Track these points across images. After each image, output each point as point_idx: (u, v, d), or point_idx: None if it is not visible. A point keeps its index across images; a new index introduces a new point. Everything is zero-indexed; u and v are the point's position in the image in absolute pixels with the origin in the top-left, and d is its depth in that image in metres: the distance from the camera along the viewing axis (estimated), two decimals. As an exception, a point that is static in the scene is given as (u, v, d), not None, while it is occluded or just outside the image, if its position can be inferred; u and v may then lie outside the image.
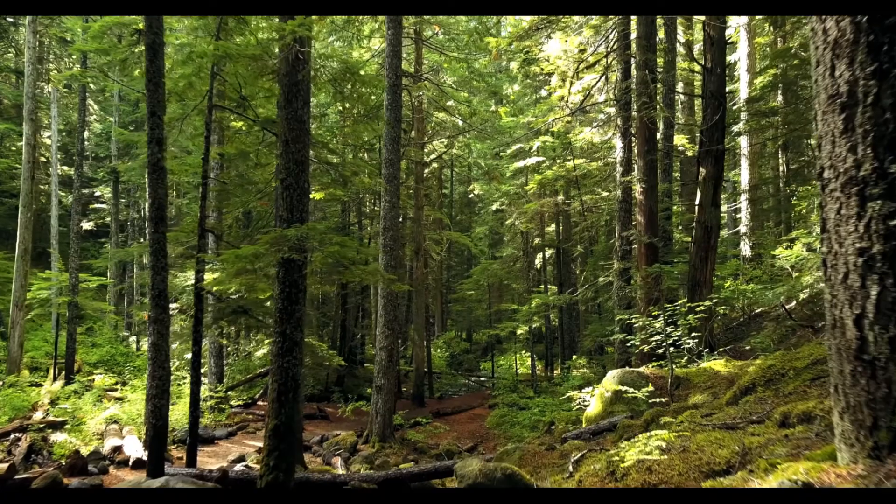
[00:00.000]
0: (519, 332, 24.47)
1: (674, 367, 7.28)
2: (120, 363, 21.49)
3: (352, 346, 24.64)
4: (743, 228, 19.44)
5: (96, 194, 31.47)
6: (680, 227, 18.85)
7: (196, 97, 8.38)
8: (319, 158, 8.56)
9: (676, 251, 15.53)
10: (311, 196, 10.01)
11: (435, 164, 27.77)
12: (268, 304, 9.01)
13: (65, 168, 28.76)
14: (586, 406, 8.59)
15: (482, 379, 26.20)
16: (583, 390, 8.63)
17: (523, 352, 26.93)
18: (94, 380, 18.14)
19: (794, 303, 9.87)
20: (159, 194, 7.71)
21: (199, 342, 8.29)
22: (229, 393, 17.29)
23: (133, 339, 26.07)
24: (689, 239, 19.33)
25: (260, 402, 17.52)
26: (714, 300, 7.92)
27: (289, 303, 6.34)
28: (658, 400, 7.50)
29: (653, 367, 8.71)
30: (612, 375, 8.06)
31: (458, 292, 28.31)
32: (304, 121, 6.61)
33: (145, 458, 10.49)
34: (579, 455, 4.97)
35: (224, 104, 9.42)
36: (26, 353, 18.83)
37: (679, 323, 8.15)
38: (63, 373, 17.68)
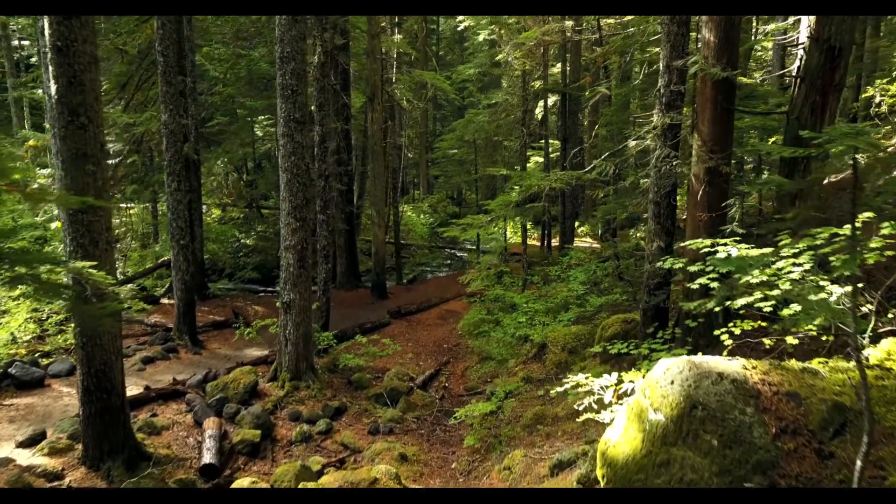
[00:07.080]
0: (512, 196, 19.89)
1: (862, 373, 2.80)
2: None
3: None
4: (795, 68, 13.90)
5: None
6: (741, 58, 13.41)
7: None
8: None
9: (742, 96, 10.22)
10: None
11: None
12: None
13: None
14: (598, 417, 4.18)
15: (467, 252, 22.22)
16: (596, 384, 4.19)
17: (516, 217, 22.58)
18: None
19: None
20: None
21: None
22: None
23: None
24: (747, 81, 13.95)
25: (164, 301, 13.48)
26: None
27: None
28: (794, 470, 3.12)
29: (739, 352, 4.19)
30: (668, 375, 3.58)
31: (437, 151, 23.11)
32: None
33: None
34: None
35: None
36: None
37: (816, 256, 3.50)
38: None
